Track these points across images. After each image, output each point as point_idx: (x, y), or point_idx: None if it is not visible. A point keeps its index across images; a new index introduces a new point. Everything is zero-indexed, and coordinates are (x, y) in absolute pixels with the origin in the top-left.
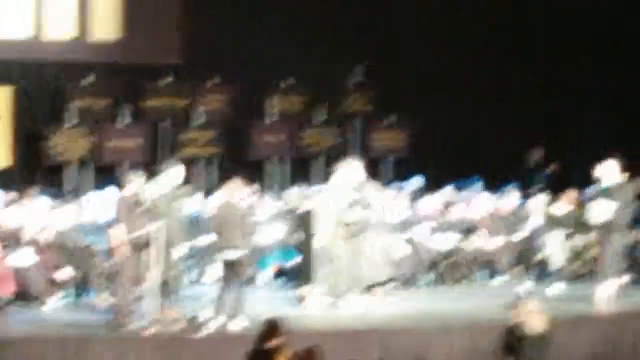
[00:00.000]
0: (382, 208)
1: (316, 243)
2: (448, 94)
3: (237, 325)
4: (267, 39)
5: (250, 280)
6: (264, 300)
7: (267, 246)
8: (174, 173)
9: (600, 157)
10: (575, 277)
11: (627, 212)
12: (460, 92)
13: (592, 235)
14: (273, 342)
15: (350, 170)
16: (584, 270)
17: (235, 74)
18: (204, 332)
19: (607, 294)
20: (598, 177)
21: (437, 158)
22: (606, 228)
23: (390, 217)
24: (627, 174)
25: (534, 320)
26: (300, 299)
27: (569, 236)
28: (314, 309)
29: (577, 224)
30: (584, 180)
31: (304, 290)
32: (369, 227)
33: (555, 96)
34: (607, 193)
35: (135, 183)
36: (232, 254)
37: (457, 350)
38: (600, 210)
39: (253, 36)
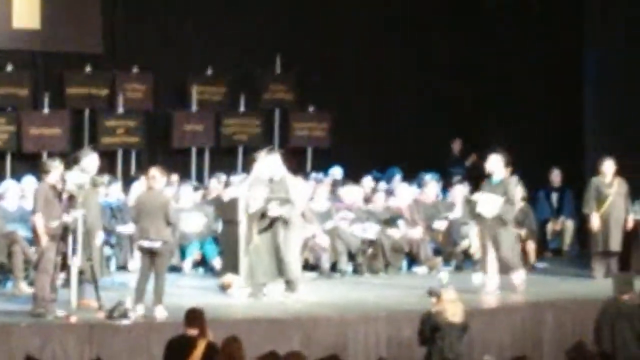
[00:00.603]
0: (302, 199)
1: (238, 232)
2: (368, 84)
3: (157, 315)
4: (187, 28)
5: (172, 269)
6: (186, 289)
7: (188, 235)
8: (89, 162)
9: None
10: None
11: (512, 208)
12: (381, 82)
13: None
14: (193, 331)
15: (269, 162)
16: None
17: (156, 63)
18: (124, 321)
19: (517, 283)
20: (490, 172)
21: (357, 148)
22: (496, 222)
23: (310, 208)
24: (510, 169)
25: (451, 310)
26: (223, 288)
27: None
28: (236, 297)
29: None
30: None
31: (226, 279)
32: (288, 217)
33: (475, 87)
34: (494, 188)
35: (54, 172)
36: (151, 243)
37: (377, 339)
38: (490, 205)
39: (173, 26)
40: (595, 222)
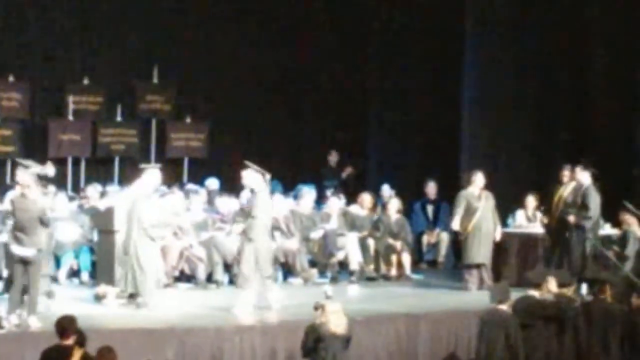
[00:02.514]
0: (179, 210)
1: (115, 242)
2: (245, 96)
3: (30, 324)
4: (63, 38)
5: (47, 278)
6: (61, 299)
7: (63, 244)
8: None
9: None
10: (370, 279)
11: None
12: (258, 93)
13: None
14: (66, 341)
15: (153, 177)
16: (376, 272)
17: (32, 72)
18: None
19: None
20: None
21: (234, 159)
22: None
23: (186, 219)
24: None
25: (334, 322)
26: (98, 298)
27: (363, 239)
28: (111, 307)
29: (371, 227)
30: (379, 183)
31: (101, 289)
32: (168, 230)
33: (354, 99)
34: None
35: None
36: (23, 252)
37: (252, 351)
38: None
39: (49, 35)
40: (456, 225)
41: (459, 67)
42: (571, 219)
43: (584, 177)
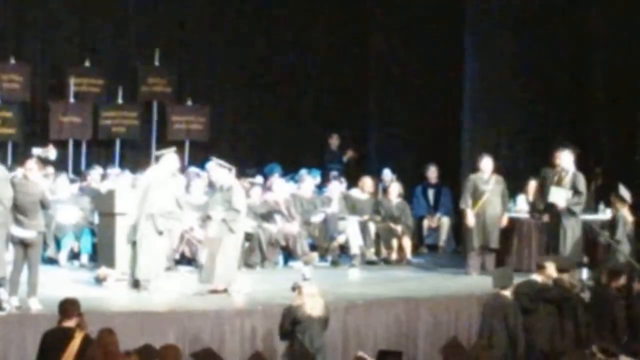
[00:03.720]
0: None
1: (117, 224)
2: (247, 78)
3: (31, 306)
4: (64, 19)
5: (47, 261)
6: (62, 281)
7: (64, 227)
8: None
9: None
10: (371, 263)
11: None
12: (259, 76)
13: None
14: (68, 323)
15: (170, 161)
16: (377, 256)
17: (33, 54)
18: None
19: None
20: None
21: (235, 142)
22: None
23: (188, 202)
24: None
25: (310, 304)
26: (99, 280)
27: (364, 222)
28: (111, 289)
29: (372, 211)
30: (380, 167)
31: (102, 271)
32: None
33: (355, 83)
34: None
35: None
36: (24, 234)
37: (253, 333)
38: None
39: (50, 17)
40: (470, 218)
41: (460, 51)
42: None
43: (566, 159)
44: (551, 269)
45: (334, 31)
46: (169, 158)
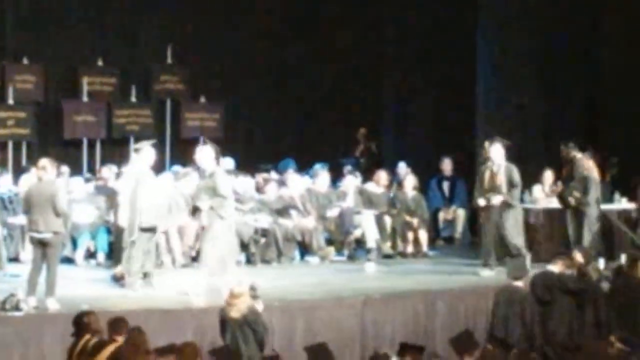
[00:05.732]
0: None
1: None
2: (260, 75)
3: (49, 306)
4: (77, 19)
5: (64, 261)
6: (79, 280)
7: (80, 226)
8: None
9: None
10: (387, 256)
11: None
12: (272, 73)
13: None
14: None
15: (149, 154)
16: (393, 249)
17: (46, 54)
18: (16, 313)
19: None
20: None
21: (249, 139)
22: None
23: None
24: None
25: (237, 306)
26: (116, 279)
27: (379, 216)
28: (130, 288)
29: (388, 204)
30: (395, 160)
31: (119, 269)
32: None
33: (369, 78)
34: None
35: None
36: (41, 235)
37: (270, 329)
38: None
39: (63, 16)
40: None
41: (473, 42)
42: (570, 200)
43: (497, 152)
44: (579, 258)
45: (349, 25)
46: (147, 151)
